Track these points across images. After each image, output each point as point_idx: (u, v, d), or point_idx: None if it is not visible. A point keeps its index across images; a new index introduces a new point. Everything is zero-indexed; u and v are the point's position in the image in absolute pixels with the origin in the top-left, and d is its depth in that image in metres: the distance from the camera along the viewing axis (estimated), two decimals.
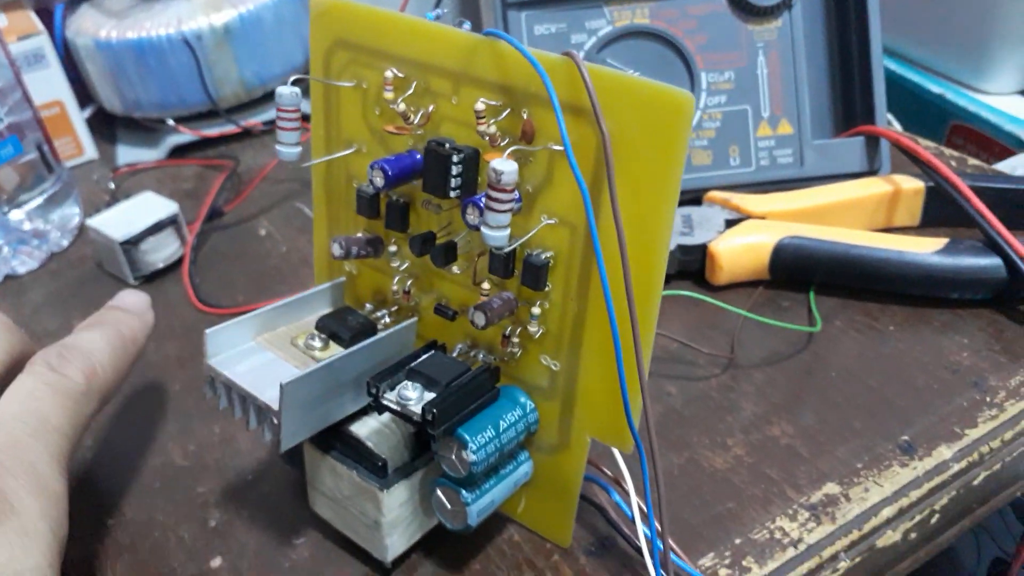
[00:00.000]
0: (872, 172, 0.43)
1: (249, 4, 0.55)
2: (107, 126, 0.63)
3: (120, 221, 0.45)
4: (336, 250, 0.27)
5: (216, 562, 0.30)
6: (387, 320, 0.29)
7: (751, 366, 0.35)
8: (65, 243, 0.50)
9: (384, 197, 0.28)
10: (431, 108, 0.26)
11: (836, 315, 0.38)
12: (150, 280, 0.46)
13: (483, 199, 0.23)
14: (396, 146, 0.27)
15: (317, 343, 0.27)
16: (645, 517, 0.27)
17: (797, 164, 0.43)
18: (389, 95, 0.26)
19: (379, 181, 0.25)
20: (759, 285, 0.39)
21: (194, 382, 0.38)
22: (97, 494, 0.33)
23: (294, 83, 0.26)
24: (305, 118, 0.27)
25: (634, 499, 0.26)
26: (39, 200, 0.48)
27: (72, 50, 0.57)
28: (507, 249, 0.23)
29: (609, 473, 0.28)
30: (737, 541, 0.28)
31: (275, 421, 0.25)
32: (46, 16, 0.58)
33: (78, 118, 0.58)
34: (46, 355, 0.27)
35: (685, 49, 0.42)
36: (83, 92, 0.62)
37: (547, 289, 0.25)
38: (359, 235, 0.29)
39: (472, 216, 0.23)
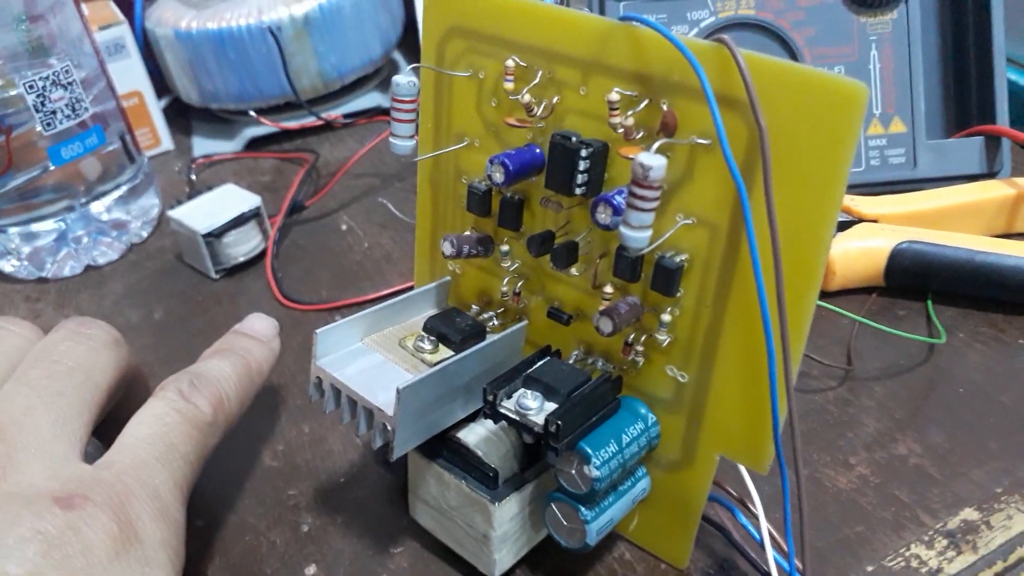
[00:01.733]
0: (991, 174, 0.40)
1: None
2: (182, 117, 0.63)
3: (202, 213, 0.44)
4: (448, 249, 0.26)
5: (311, 570, 0.29)
6: (495, 322, 0.28)
7: (870, 378, 0.33)
8: (145, 234, 0.49)
9: (497, 194, 0.26)
10: (556, 99, 0.24)
11: (958, 326, 0.35)
12: (231, 274, 0.45)
13: (617, 197, 0.21)
14: (512, 140, 0.26)
15: (426, 345, 0.26)
16: (775, 541, 0.25)
17: (910, 165, 0.40)
18: (510, 85, 0.25)
19: (499, 177, 0.24)
20: (872, 292, 0.37)
21: (281, 379, 0.37)
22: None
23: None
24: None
25: (763, 521, 0.25)
26: (121, 191, 0.47)
27: (151, 40, 0.57)
28: (644, 251, 0.22)
29: (733, 492, 0.26)
30: (869, 568, 0.26)
31: (388, 427, 0.23)
32: (126, 6, 0.58)
33: (156, 109, 0.58)
34: (177, 382, 0.26)
35: (792, 42, 0.40)
36: (159, 83, 0.61)
37: (679, 295, 0.23)
38: (469, 233, 0.27)
39: (604, 215, 0.22)
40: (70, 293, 0.46)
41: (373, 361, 0.26)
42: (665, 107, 0.22)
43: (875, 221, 0.38)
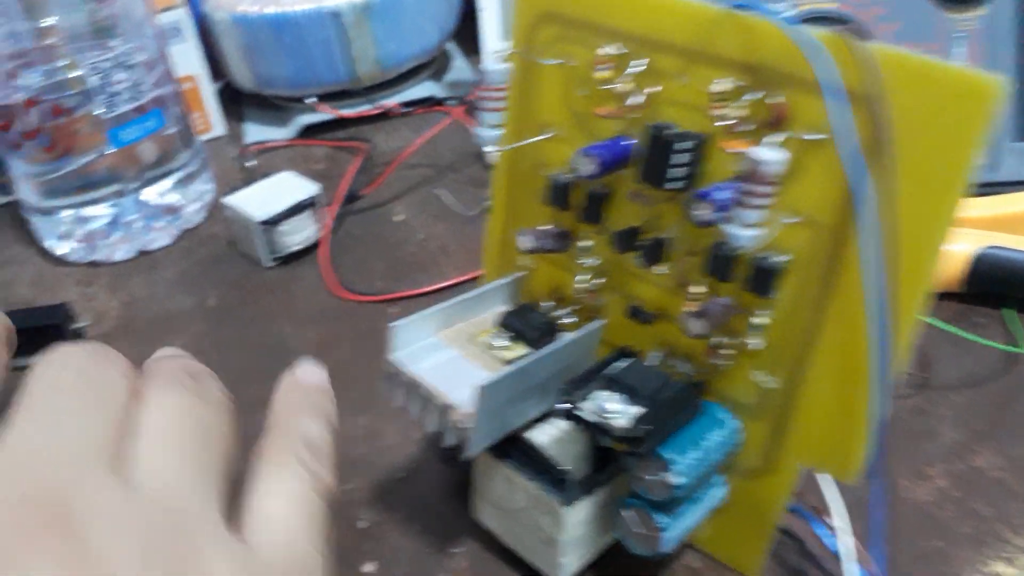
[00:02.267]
0: None
1: None
2: (233, 103, 0.62)
3: (258, 200, 0.44)
4: (527, 243, 0.25)
5: (369, 567, 0.28)
6: (568, 320, 0.27)
7: (947, 387, 0.32)
8: (198, 220, 0.49)
9: (579, 187, 0.25)
10: (653, 89, 0.23)
11: None
12: (285, 262, 0.44)
13: (718, 193, 0.21)
14: (599, 131, 0.25)
15: (502, 342, 0.25)
16: (857, 553, 0.24)
17: (992, 167, 0.39)
18: (604, 74, 0.24)
19: (590, 169, 0.23)
20: (950, 298, 0.36)
21: (335, 370, 0.36)
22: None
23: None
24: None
25: (847, 532, 0.24)
26: (178, 175, 0.47)
27: (208, 24, 0.57)
28: (748, 251, 0.21)
29: (810, 501, 0.25)
30: None
31: (463, 424, 0.23)
32: None
33: (209, 94, 0.58)
34: (295, 449, 0.22)
35: (874, 38, 0.38)
36: (212, 67, 0.61)
37: (775, 296, 0.22)
38: (549, 227, 0.26)
39: (703, 211, 0.21)
40: (123, 277, 0.46)
41: (448, 356, 0.25)
42: (775, 99, 0.21)
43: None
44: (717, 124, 0.21)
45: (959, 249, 0.35)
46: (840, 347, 0.21)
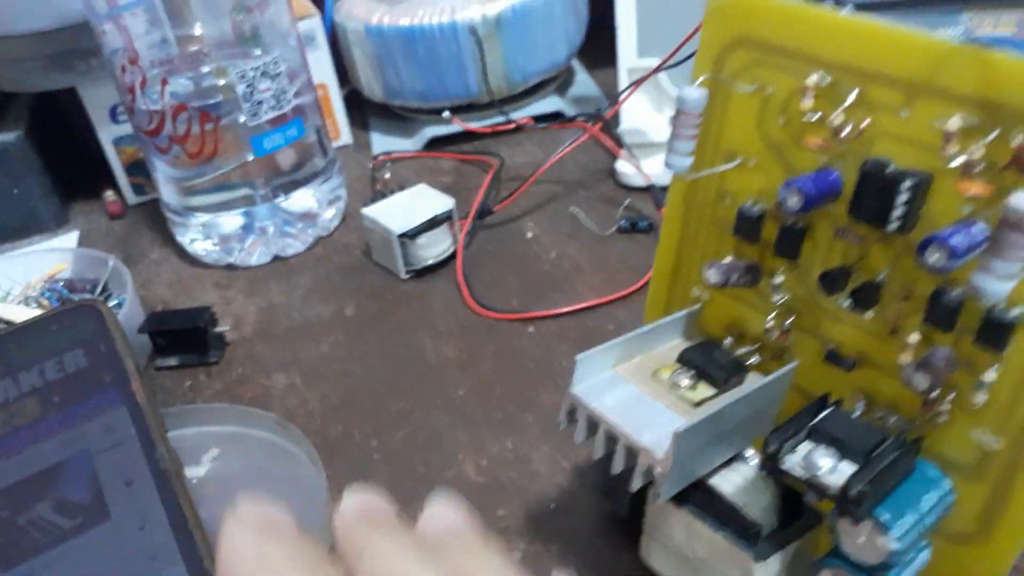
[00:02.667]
0: None
1: None
2: (359, 113, 0.63)
3: (396, 213, 0.44)
4: (714, 277, 0.24)
5: None
6: (754, 359, 0.26)
7: None
8: (332, 228, 0.49)
9: (771, 220, 0.24)
10: (866, 121, 0.22)
11: None
12: (420, 275, 0.44)
13: (954, 238, 0.19)
14: (797, 162, 0.24)
15: (685, 380, 0.24)
16: None
17: None
18: (808, 104, 0.22)
19: (795, 203, 0.22)
20: None
21: (477, 388, 0.36)
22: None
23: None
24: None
25: None
26: (315, 183, 0.47)
27: (339, 34, 0.57)
28: (988, 302, 0.19)
29: None
30: None
31: (656, 469, 0.21)
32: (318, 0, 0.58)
33: (339, 102, 0.58)
34: None
35: None
36: (342, 77, 0.62)
37: (1007, 351, 0.20)
38: (737, 261, 0.25)
39: (937, 257, 0.19)
40: (259, 282, 0.46)
41: (629, 393, 0.24)
42: (1017, 140, 0.19)
43: None
44: (951, 164, 0.20)
45: None
46: None
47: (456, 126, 0.53)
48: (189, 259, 0.49)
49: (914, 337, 0.22)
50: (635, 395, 0.24)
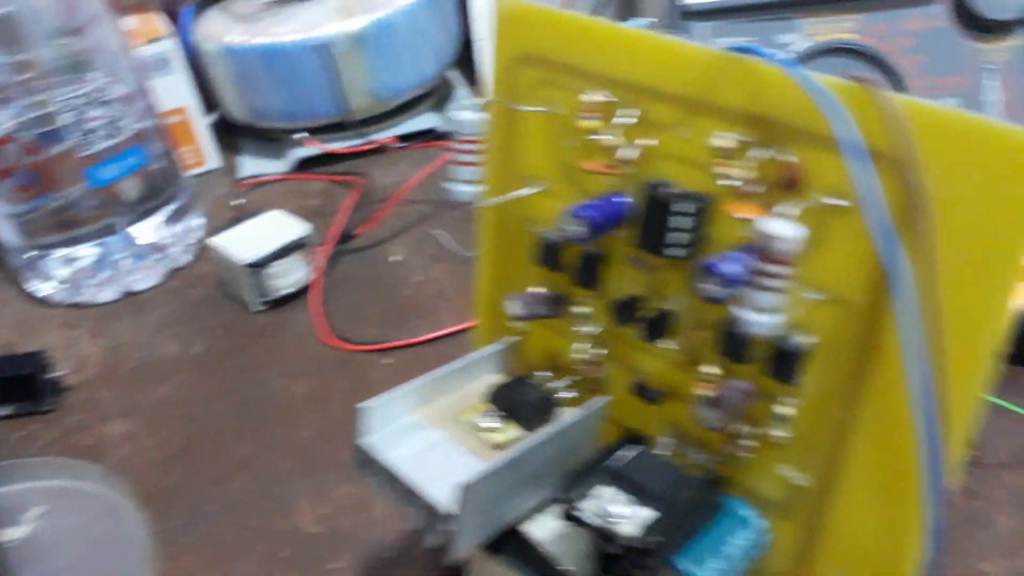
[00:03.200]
0: None
1: (384, 10, 0.51)
2: (228, 135, 0.60)
3: (246, 241, 0.41)
4: (516, 309, 0.23)
5: None
6: (565, 394, 0.24)
7: (999, 465, 0.29)
8: (186, 259, 0.47)
9: (569, 247, 0.23)
10: (648, 142, 0.21)
11: None
12: (275, 306, 0.42)
13: (726, 265, 0.18)
14: (592, 186, 0.22)
15: (492, 422, 0.22)
16: None
17: None
18: (591, 124, 0.21)
19: (580, 231, 0.20)
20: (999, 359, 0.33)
21: (325, 428, 0.34)
22: (216, 560, 0.29)
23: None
24: None
25: None
26: (162, 213, 0.45)
27: (198, 55, 0.55)
28: (762, 336, 0.18)
29: None
30: None
31: (449, 527, 0.20)
32: (173, 19, 0.56)
33: (201, 126, 0.56)
34: None
35: (898, 71, 0.36)
36: (207, 99, 0.59)
37: (801, 383, 0.19)
38: (542, 291, 0.24)
39: (710, 286, 0.18)
40: (108, 320, 0.43)
41: (430, 439, 0.22)
42: (787, 158, 0.18)
43: None
44: (721, 184, 0.19)
45: None
46: (879, 444, 0.18)
47: (319, 149, 0.51)
48: (36, 300, 0.46)
49: (711, 369, 0.21)
50: (436, 441, 0.22)
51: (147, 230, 0.45)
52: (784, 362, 0.19)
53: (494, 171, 0.25)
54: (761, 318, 0.16)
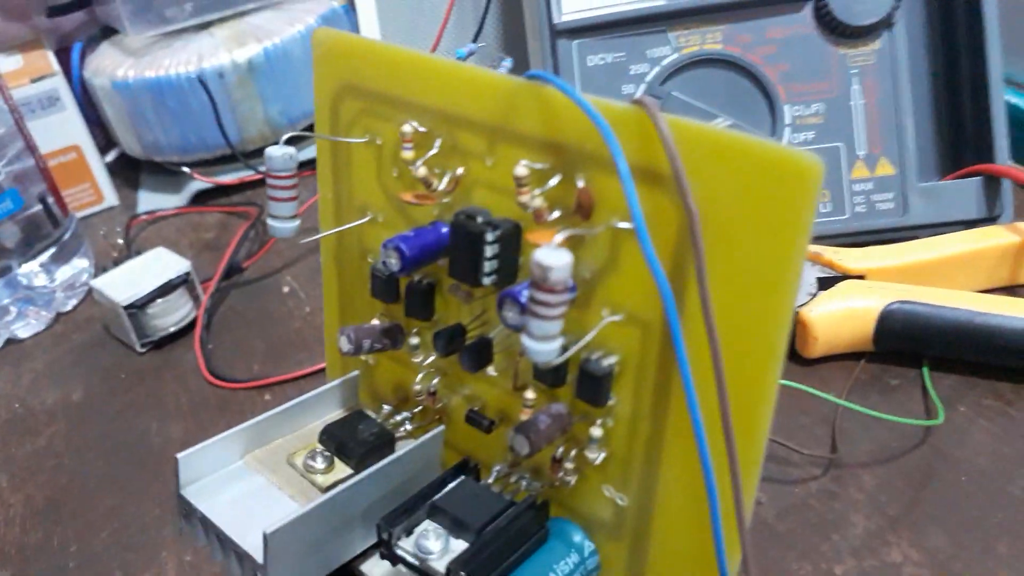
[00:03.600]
0: (992, 219, 0.36)
1: (275, 38, 0.51)
2: (132, 171, 0.59)
3: (126, 281, 0.40)
4: (344, 345, 0.22)
5: None
6: (409, 427, 0.24)
7: (858, 465, 0.29)
8: (72, 303, 0.45)
9: (404, 278, 0.22)
10: (460, 171, 0.20)
11: (959, 398, 0.31)
12: (159, 346, 0.41)
13: (525, 293, 0.17)
14: (419, 216, 0.22)
15: (319, 463, 0.22)
16: None
17: (899, 211, 0.36)
18: (408, 154, 0.21)
19: (394, 263, 0.20)
20: (861, 358, 0.33)
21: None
22: None
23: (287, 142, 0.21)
24: None
25: None
26: (43, 256, 0.43)
27: (90, 91, 0.54)
28: (555, 363, 0.18)
29: None
30: None
31: None
32: (65, 56, 0.55)
33: (97, 163, 0.54)
34: None
35: (764, 78, 0.36)
36: (106, 135, 0.58)
37: (611, 403, 0.19)
38: (374, 323, 0.23)
39: (511, 315, 0.18)
40: None
41: (253, 486, 0.21)
42: (581, 184, 0.18)
43: (862, 277, 0.34)
44: (528, 211, 0.18)
45: (865, 305, 0.32)
46: (686, 459, 0.18)
47: (208, 183, 0.50)
48: None
49: (531, 394, 0.20)
50: (259, 487, 0.21)
51: (31, 275, 0.43)
52: (589, 384, 0.19)
53: (330, 202, 0.24)
54: (540, 346, 0.16)
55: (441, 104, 0.20)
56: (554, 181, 0.18)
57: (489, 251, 0.19)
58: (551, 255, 0.15)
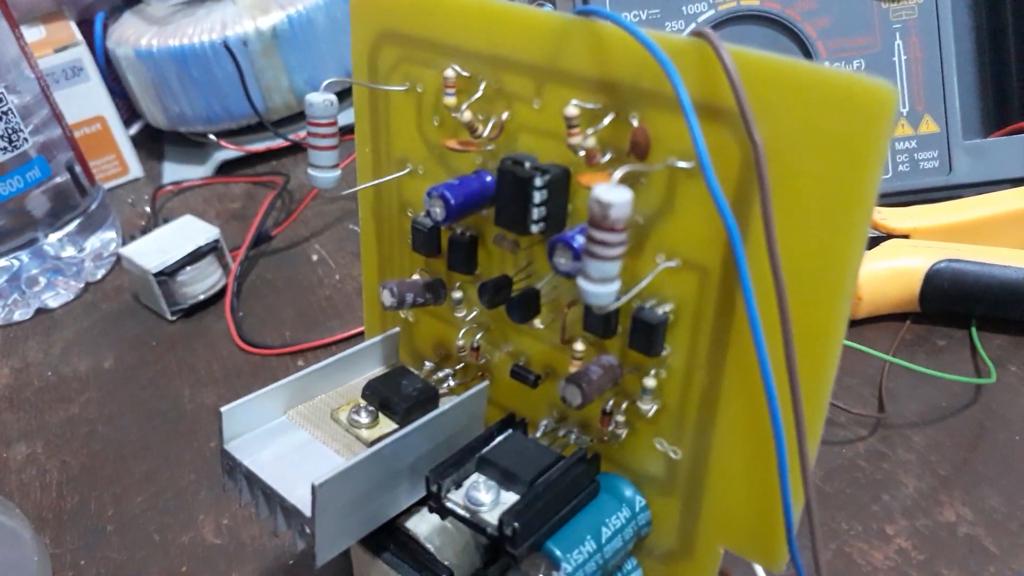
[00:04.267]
0: None
1: (299, 5, 0.50)
2: (156, 143, 0.59)
3: (155, 249, 0.40)
4: (387, 299, 0.22)
5: None
6: (452, 383, 0.23)
7: (906, 425, 0.28)
8: (101, 273, 0.45)
9: (445, 230, 0.22)
10: (505, 115, 0.20)
11: (1010, 357, 0.30)
12: (189, 315, 0.41)
13: (578, 238, 0.17)
14: (460, 166, 0.21)
15: (363, 418, 0.21)
16: None
17: (944, 169, 0.35)
18: (450, 100, 0.20)
19: (439, 213, 0.19)
20: (907, 319, 0.32)
21: None
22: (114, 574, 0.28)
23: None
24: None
25: None
26: (71, 226, 0.43)
27: (113, 61, 0.53)
28: (612, 307, 0.17)
29: None
30: None
31: (307, 529, 0.19)
32: (87, 27, 0.54)
33: (122, 135, 0.54)
34: None
35: (805, 35, 0.35)
36: (130, 107, 0.58)
37: (665, 354, 0.18)
38: (416, 278, 0.23)
39: (563, 261, 0.17)
40: (17, 341, 0.42)
41: (297, 440, 0.21)
42: (635, 122, 0.17)
43: (907, 237, 0.33)
44: (579, 154, 0.18)
45: (911, 264, 0.31)
46: (745, 412, 0.18)
47: (237, 151, 0.50)
48: None
49: (580, 346, 0.20)
50: (303, 442, 0.21)
51: (58, 245, 0.43)
52: (643, 333, 0.18)
53: (368, 156, 0.24)
54: (596, 288, 0.15)
55: (485, 46, 0.20)
56: (607, 120, 0.17)
57: (538, 197, 0.18)
58: (611, 192, 0.15)
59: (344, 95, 0.55)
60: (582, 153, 0.18)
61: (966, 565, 0.24)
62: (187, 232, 0.41)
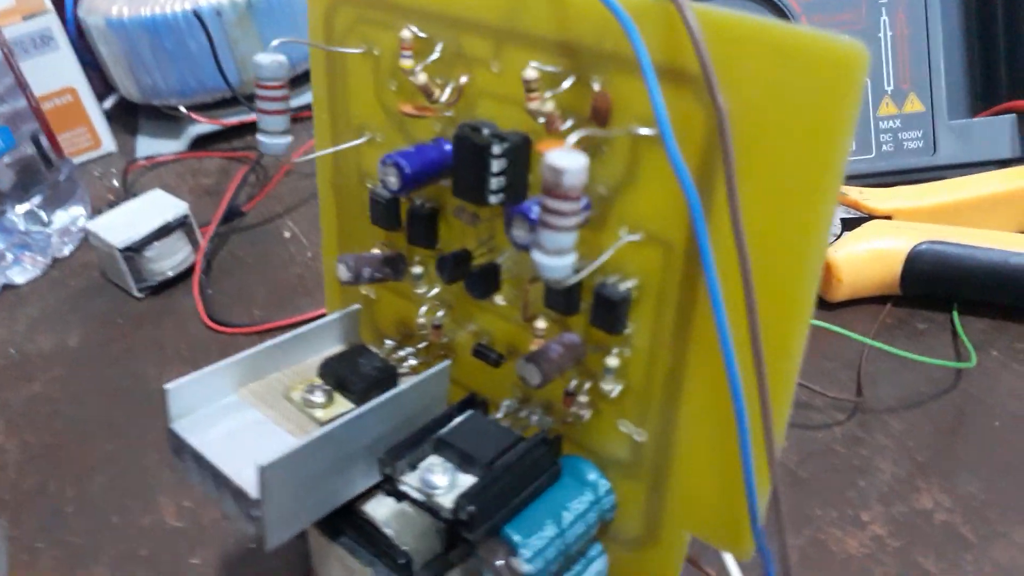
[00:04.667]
0: None
1: None
2: (131, 117, 0.58)
3: (123, 224, 0.39)
4: (343, 273, 0.21)
5: None
6: (413, 362, 0.22)
7: (885, 410, 0.28)
8: (69, 249, 0.44)
9: (405, 202, 0.21)
10: (464, 79, 0.19)
11: (990, 342, 0.30)
12: (157, 292, 0.40)
13: (535, 209, 0.16)
14: (420, 133, 0.20)
15: (318, 397, 0.21)
16: None
17: (929, 150, 0.35)
18: (407, 63, 0.19)
19: (393, 182, 0.19)
20: (887, 302, 0.31)
21: None
22: (70, 563, 0.27)
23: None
24: None
25: None
26: (37, 199, 0.42)
27: (85, 32, 0.52)
28: (569, 282, 0.16)
29: (711, 573, 0.21)
30: None
31: (254, 513, 0.18)
32: None
33: (94, 107, 0.53)
34: None
35: (789, 9, 0.34)
36: (104, 79, 0.56)
37: (628, 332, 0.18)
38: (375, 252, 0.22)
39: (520, 232, 0.16)
40: None
41: (248, 420, 0.20)
42: (596, 86, 0.16)
43: (889, 218, 0.32)
44: (539, 120, 0.17)
45: (892, 246, 0.30)
46: (711, 392, 0.17)
47: (212, 125, 0.49)
48: None
49: (542, 324, 0.19)
50: (255, 422, 0.20)
51: (26, 219, 0.42)
52: (605, 310, 0.17)
53: (325, 122, 0.23)
54: (551, 261, 0.14)
55: (443, 5, 0.19)
56: (567, 84, 0.16)
57: (496, 166, 0.17)
58: (564, 157, 0.14)
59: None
60: (542, 120, 0.17)
61: (943, 552, 0.23)
62: (156, 207, 0.40)
